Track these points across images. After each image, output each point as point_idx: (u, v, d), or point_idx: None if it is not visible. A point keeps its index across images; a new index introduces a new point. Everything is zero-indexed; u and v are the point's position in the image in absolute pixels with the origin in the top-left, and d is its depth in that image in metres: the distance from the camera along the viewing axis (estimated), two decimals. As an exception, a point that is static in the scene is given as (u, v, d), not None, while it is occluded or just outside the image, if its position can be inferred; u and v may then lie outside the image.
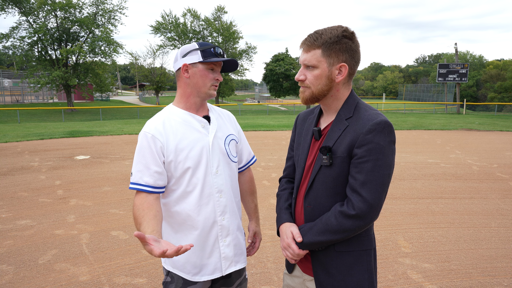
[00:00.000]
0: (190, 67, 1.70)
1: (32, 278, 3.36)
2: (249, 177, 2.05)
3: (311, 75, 1.45)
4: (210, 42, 1.70)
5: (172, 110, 1.75)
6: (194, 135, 1.69)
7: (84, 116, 27.85)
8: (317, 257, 1.51)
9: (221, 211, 1.73)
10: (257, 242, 2.02)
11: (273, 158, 9.16)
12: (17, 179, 7.06)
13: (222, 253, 1.74)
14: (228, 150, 1.79)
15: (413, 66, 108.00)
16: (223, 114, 1.90)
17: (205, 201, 1.69)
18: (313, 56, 1.43)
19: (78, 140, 12.68)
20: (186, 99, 1.74)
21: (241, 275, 1.88)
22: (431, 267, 3.58)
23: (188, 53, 1.69)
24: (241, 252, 1.84)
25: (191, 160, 1.66)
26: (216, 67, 1.72)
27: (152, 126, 1.66)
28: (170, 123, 1.69)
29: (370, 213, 1.37)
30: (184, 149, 1.65)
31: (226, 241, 1.75)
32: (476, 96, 56.81)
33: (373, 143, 1.36)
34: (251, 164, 2.03)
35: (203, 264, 1.72)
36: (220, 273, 1.75)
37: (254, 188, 2.07)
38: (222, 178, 1.74)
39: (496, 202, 5.68)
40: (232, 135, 1.85)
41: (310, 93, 1.48)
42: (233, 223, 1.79)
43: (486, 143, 12.06)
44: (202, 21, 39.24)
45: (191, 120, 1.72)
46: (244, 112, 32.43)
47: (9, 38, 30.12)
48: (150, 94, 66.22)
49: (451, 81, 31.59)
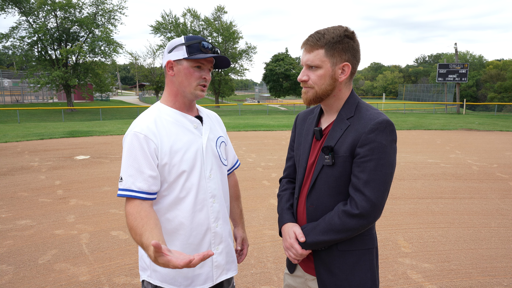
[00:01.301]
0: (175, 64, 1.55)
1: (32, 278, 3.36)
2: (234, 182, 1.96)
3: (314, 75, 1.45)
4: (201, 36, 1.53)
5: (162, 109, 1.60)
6: (187, 136, 1.57)
7: (84, 116, 27.84)
8: (320, 256, 1.51)
9: (214, 217, 1.62)
10: (245, 249, 1.92)
11: (273, 158, 9.16)
12: (17, 179, 7.06)
13: (215, 261, 1.64)
14: (220, 153, 1.70)
15: (413, 66, 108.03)
16: (211, 116, 1.79)
17: (199, 207, 1.58)
18: (316, 56, 1.43)
19: (78, 140, 12.68)
20: (173, 98, 1.61)
21: (230, 284, 1.78)
22: (431, 267, 3.58)
23: (173, 48, 1.55)
24: (232, 260, 1.75)
25: (186, 163, 1.53)
26: (204, 65, 1.56)
27: (144, 126, 1.50)
28: (162, 123, 1.54)
29: (373, 212, 1.37)
30: (178, 151, 1.52)
31: (218, 249, 1.65)
32: (476, 96, 56.83)
33: (375, 142, 1.37)
34: (235, 168, 1.96)
35: (195, 275, 1.59)
36: (211, 282, 1.63)
37: (239, 193, 1.99)
38: (215, 182, 1.64)
39: (496, 202, 5.68)
40: (222, 137, 1.76)
41: (313, 94, 1.47)
42: (225, 229, 1.70)
43: (486, 143, 12.07)
44: (202, 21, 39.29)
45: (183, 120, 1.59)
46: (244, 112, 32.42)
47: (9, 38, 30.11)
48: (150, 94, 66.18)
49: (451, 81, 31.61)
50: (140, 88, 67.13)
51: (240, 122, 20.41)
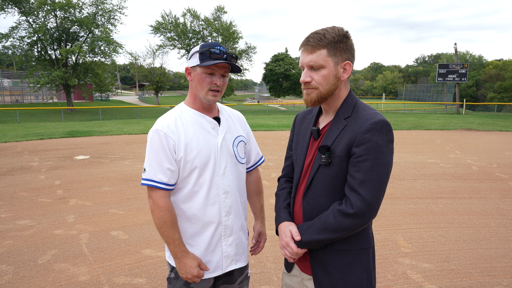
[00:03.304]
0: (192, 70, 1.70)
1: (31, 278, 3.36)
2: (256, 178, 2.06)
3: (318, 76, 1.44)
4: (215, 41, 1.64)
5: (184, 109, 1.76)
6: (203, 135, 1.71)
7: (84, 116, 27.83)
8: (316, 256, 1.51)
9: (226, 211, 1.76)
10: (261, 242, 2.04)
11: (273, 158, 9.16)
12: (16, 179, 7.06)
13: (224, 251, 1.78)
14: (236, 152, 1.81)
15: (412, 66, 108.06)
16: (233, 115, 1.91)
17: (211, 202, 1.72)
18: (319, 57, 1.42)
19: (77, 140, 12.68)
20: (193, 100, 1.76)
21: (243, 273, 1.91)
22: (430, 267, 3.58)
23: (192, 55, 1.70)
24: (242, 251, 1.86)
25: (199, 160, 1.67)
26: (216, 71, 1.66)
27: (165, 124, 1.67)
28: (182, 122, 1.70)
29: (368, 212, 1.37)
30: (193, 149, 1.66)
31: (228, 241, 1.79)
32: (475, 96, 56.84)
33: (371, 142, 1.37)
34: (259, 165, 2.05)
35: (206, 261, 1.75)
36: (220, 270, 1.78)
37: (260, 189, 2.08)
38: (229, 180, 1.76)
39: (496, 202, 5.69)
40: (241, 137, 1.86)
41: (317, 94, 1.46)
42: (237, 223, 1.82)
43: (486, 143, 12.07)
44: (202, 21, 39.26)
45: (201, 121, 1.73)
46: (244, 112, 32.41)
47: (9, 38, 30.08)
48: (149, 94, 66.16)
49: (450, 81, 31.60)
50: (140, 88, 67.10)
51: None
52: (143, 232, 4.44)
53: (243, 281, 1.92)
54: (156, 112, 31.80)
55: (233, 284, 1.87)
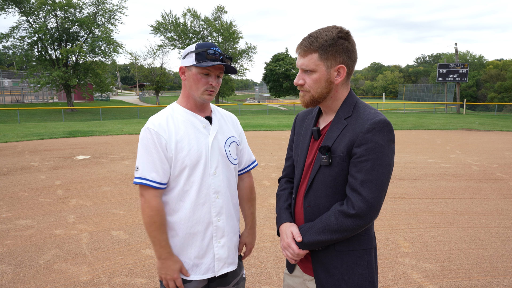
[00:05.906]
0: (186, 70, 1.70)
1: (32, 278, 3.36)
2: (248, 183, 2.01)
3: (310, 79, 1.45)
4: (210, 42, 1.62)
5: (176, 108, 1.76)
6: (195, 134, 1.70)
7: (84, 116, 27.84)
8: (317, 257, 1.51)
9: (216, 212, 1.73)
10: (246, 252, 2.01)
11: (273, 158, 9.16)
12: (17, 179, 7.06)
13: (216, 254, 1.74)
14: (228, 152, 1.79)
15: (413, 66, 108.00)
16: (226, 116, 1.90)
17: (201, 201, 1.70)
18: (310, 61, 1.42)
19: (78, 140, 12.68)
20: (186, 99, 1.76)
21: (238, 275, 1.88)
22: (431, 267, 3.58)
23: (186, 54, 1.69)
24: (235, 254, 1.84)
25: (189, 159, 1.66)
26: (211, 72, 1.67)
27: (156, 123, 1.67)
28: (173, 121, 1.70)
29: (369, 212, 1.36)
30: (184, 147, 1.66)
31: (220, 242, 1.75)
32: (476, 96, 56.80)
33: (372, 142, 1.36)
34: (251, 169, 1.99)
35: (194, 264, 1.72)
36: (212, 273, 1.75)
37: (252, 196, 2.02)
38: (220, 179, 1.74)
39: (496, 202, 5.68)
40: (233, 137, 1.85)
41: (310, 97, 1.48)
42: (229, 224, 1.79)
43: (486, 143, 12.06)
44: (202, 21, 39.23)
45: (193, 120, 1.73)
46: (244, 112, 32.42)
47: (9, 38, 30.11)
48: (150, 94, 66.18)
49: (451, 81, 31.59)
50: (140, 88, 67.10)
51: (240, 122, 20.30)
52: (144, 232, 4.44)
53: (239, 282, 1.89)
54: (157, 112, 31.77)
55: (227, 286, 1.84)
